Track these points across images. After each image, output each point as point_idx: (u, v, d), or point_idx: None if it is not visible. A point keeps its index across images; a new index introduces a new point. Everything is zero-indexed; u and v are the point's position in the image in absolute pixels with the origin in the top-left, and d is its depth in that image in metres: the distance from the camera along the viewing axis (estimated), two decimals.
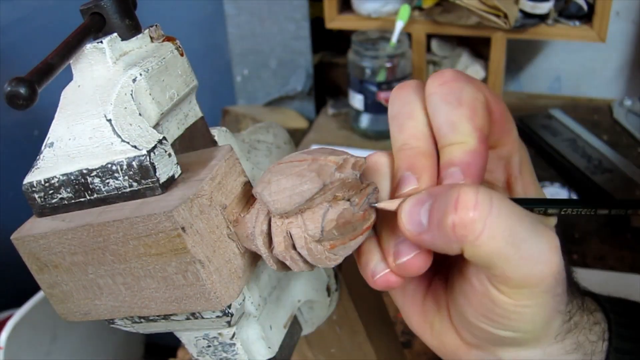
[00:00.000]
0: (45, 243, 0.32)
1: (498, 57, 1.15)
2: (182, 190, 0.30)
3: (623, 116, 1.19)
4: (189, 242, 0.29)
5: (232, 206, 0.32)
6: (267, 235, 0.31)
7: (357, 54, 1.14)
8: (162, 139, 0.31)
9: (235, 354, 0.36)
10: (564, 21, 1.10)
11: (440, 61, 1.24)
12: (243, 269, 0.32)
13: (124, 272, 0.31)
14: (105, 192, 0.31)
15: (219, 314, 0.32)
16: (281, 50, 1.30)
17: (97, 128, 0.31)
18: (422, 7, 1.17)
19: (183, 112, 0.35)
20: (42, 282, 0.34)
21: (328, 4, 1.20)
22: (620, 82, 1.28)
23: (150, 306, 0.32)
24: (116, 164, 0.30)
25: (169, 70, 0.34)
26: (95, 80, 0.32)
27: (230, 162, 0.32)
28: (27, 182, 0.32)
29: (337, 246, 0.30)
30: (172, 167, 0.31)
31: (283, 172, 0.29)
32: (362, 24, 1.20)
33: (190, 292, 0.30)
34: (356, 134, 1.21)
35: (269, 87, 1.36)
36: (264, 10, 1.26)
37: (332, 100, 1.34)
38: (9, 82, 0.28)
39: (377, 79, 1.13)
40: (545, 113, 1.19)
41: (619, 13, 1.20)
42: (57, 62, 0.30)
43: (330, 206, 0.29)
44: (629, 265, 0.84)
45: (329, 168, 0.29)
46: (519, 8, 1.08)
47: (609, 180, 0.97)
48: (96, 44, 0.32)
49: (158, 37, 0.35)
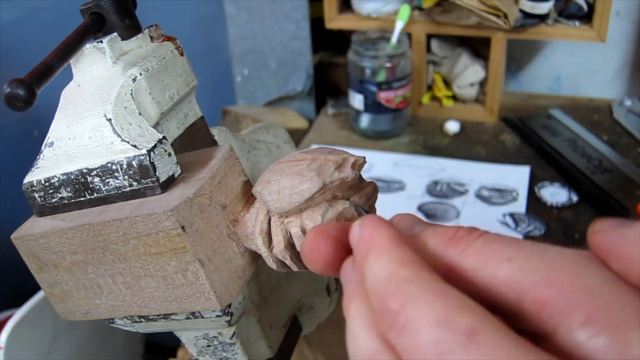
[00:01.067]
0: (45, 242, 0.32)
1: (498, 57, 1.15)
2: (182, 190, 0.30)
3: (623, 116, 1.19)
4: (189, 242, 0.29)
5: (232, 205, 0.32)
6: (267, 234, 0.31)
7: (357, 54, 1.14)
8: (162, 138, 0.31)
9: (235, 353, 0.36)
10: (564, 21, 1.10)
11: (440, 61, 1.24)
12: (243, 269, 0.32)
13: (124, 271, 0.31)
14: (105, 192, 0.31)
15: (219, 313, 0.32)
16: (281, 50, 1.30)
17: (97, 127, 0.31)
18: (422, 7, 1.17)
19: (183, 111, 0.35)
20: (42, 282, 0.34)
21: (328, 4, 1.20)
22: (620, 82, 1.28)
23: (150, 305, 0.32)
24: (116, 164, 0.30)
25: (168, 70, 0.34)
26: (95, 80, 0.32)
27: (230, 162, 0.32)
28: (27, 182, 0.32)
29: None
30: (172, 166, 0.31)
31: (283, 172, 0.29)
32: (362, 24, 1.20)
33: (190, 291, 0.30)
34: (356, 134, 1.21)
35: (269, 87, 1.36)
36: (264, 10, 1.26)
37: (332, 100, 1.34)
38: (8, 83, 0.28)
39: (377, 79, 1.13)
40: (545, 113, 1.19)
41: (619, 13, 1.20)
42: (56, 63, 0.30)
43: (330, 205, 0.29)
44: None
45: (328, 167, 0.29)
46: (519, 8, 1.08)
47: (609, 180, 0.97)
48: (96, 43, 0.32)
49: (158, 37, 0.35)
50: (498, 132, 1.19)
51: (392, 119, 1.17)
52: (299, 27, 1.26)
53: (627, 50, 1.24)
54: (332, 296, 0.44)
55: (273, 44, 1.30)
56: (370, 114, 1.16)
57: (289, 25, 1.26)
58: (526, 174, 1.04)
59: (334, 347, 0.50)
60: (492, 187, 1.02)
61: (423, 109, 1.25)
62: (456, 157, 1.11)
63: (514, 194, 1.00)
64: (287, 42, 1.29)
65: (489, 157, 1.11)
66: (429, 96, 1.26)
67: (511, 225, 0.92)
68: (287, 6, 1.24)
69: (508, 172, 1.05)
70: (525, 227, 0.92)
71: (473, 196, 1.00)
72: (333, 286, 0.45)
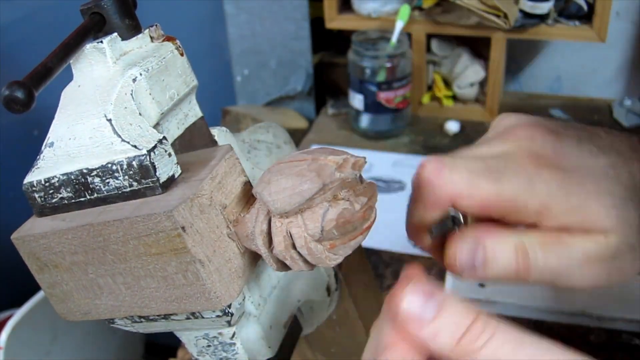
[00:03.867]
0: (45, 243, 0.32)
1: (498, 57, 1.15)
2: (182, 190, 0.30)
3: (623, 116, 1.19)
4: (189, 242, 0.29)
5: (232, 206, 0.32)
6: (267, 234, 0.31)
7: (357, 54, 1.14)
8: (162, 138, 0.31)
9: (235, 353, 0.36)
10: (564, 21, 1.10)
11: (440, 61, 1.24)
12: (243, 269, 0.32)
13: (124, 271, 0.31)
14: (106, 192, 0.31)
15: (219, 313, 0.32)
16: (281, 50, 1.30)
17: (97, 128, 0.31)
18: (422, 7, 1.17)
19: (183, 112, 0.35)
20: (42, 282, 0.34)
21: (328, 4, 1.20)
22: (620, 82, 1.28)
23: (151, 306, 0.32)
24: (116, 164, 0.30)
25: (169, 70, 0.34)
26: (95, 80, 0.32)
27: (230, 162, 0.32)
28: (27, 182, 0.32)
29: (337, 246, 0.30)
30: (172, 166, 0.31)
31: (283, 172, 0.29)
32: (362, 24, 1.20)
33: (190, 291, 0.30)
34: (356, 134, 1.21)
35: (269, 87, 1.36)
36: (264, 10, 1.26)
37: (332, 100, 1.34)
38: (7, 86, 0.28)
39: (377, 79, 1.13)
40: (545, 113, 1.19)
41: (619, 13, 1.20)
42: (56, 64, 0.30)
43: (330, 206, 0.29)
44: None
45: (329, 168, 0.29)
46: (519, 8, 1.08)
47: None
48: (96, 44, 0.32)
49: (158, 37, 0.35)
50: None
51: (392, 119, 1.17)
52: (299, 27, 1.26)
53: (627, 50, 1.24)
54: (332, 296, 0.44)
55: (273, 44, 1.30)
56: (370, 114, 1.16)
57: (289, 25, 1.26)
58: None
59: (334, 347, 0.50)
60: None
61: (423, 109, 1.25)
62: None
63: None
64: (287, 42, 1.29)
65: None
66: (429, 96, 1.26)
67: None
68: (287, 6, 1.24)
69: None
70: None
71: None
72: (333, 286, 0.45)
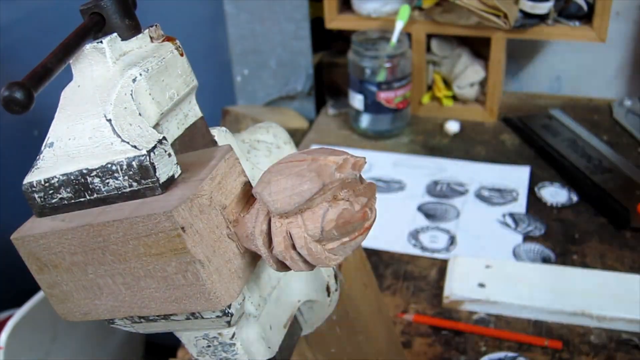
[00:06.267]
0: (45, 243, 0.32)
1: (498, 57, 1.15)
2: (182, 190, 0.30)
3: (623, 116, 1.19)
4: (189, 242, 0.29)
5: (232, 206, 0.32)
6: (267, 235, 0.31)
7: (357, 54, 1.14)
8: (162, 139, 0.31)
9: (235, 353, 0.36)
10: (564, 21, 1.10)
11: (440, 61, 1.24)
12: (243, 269, 0.32)
13: (124, 272, 0.31)
14: (105, 192, 0.31)
15: (219, 314, 0.32)
16: (281, 50, 1.30)
17: (97, 128, 0.31)
18: (422, 7, 1.17)
19: (183, 112, 0.35)
20: (42, 282, 0.34)
21: (328, 4, 1.20)
22: (620, 82, 1.28)
23: (150, 306, 0.32)
24: (116, 164, 0.30)
25: (168, 70, 0.34)
26: (95, 80, 0.32)
27: (230, 162, 0.32)
28: (27, 182, 0.32)
29: (337, 246, 0.30)
30: (172, 167, 0.31)
31: (283, 172, 0.29)
32: (362, 24, 1.20)
33: (190, 292, 0.30)
34: (356, 134, 1.21)
35: (269, 87, 1.36)
36: (264, 10, 1.26)
37: (332, 100, 1.34)
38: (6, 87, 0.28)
39: (377, 79, 1.13)
40: (545, 113, 1.19)
41: (619, 13, 1.20)
42: (55, 65, 0.30)
43: (330, 206, 0.29)
44: (629, 265, 0.84)
45: (328, 168, 0.29)
46: (519, 8, 1.08)
47: (609, 180, 0.97)
48: (96, 44, 0.32)
49: (158, 37, 0.35)
50: (498, 132, 1.19)
51: (392, 119, 1.17)
52: (299, 27, 1.26)
53: (627, 50, 1.24)
54: (332, 296, 0.44)
55: (273, 44, 1.30)
56: (370, 114, 1.16)
57: (289, 25, 1.26)
58: (526, 174, 1.04)
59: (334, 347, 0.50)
60: (492, 187, 1.02)
61: (423, 109, 1.25)
62: (456, 157, 1.11)
63: (514, 194, 1.00)
64: (287, 42, 1.29)
65: (489, 157, 1.10)
66: (429, 96, 1.26)
67: (511, 225, 0.92)
68: (287, 6, 1.24)
69: (508, 172, 1.05)
70: (525, 227, 0.92)
71: (473, 196, 1.00)
72: (333, 286, 0.45)
